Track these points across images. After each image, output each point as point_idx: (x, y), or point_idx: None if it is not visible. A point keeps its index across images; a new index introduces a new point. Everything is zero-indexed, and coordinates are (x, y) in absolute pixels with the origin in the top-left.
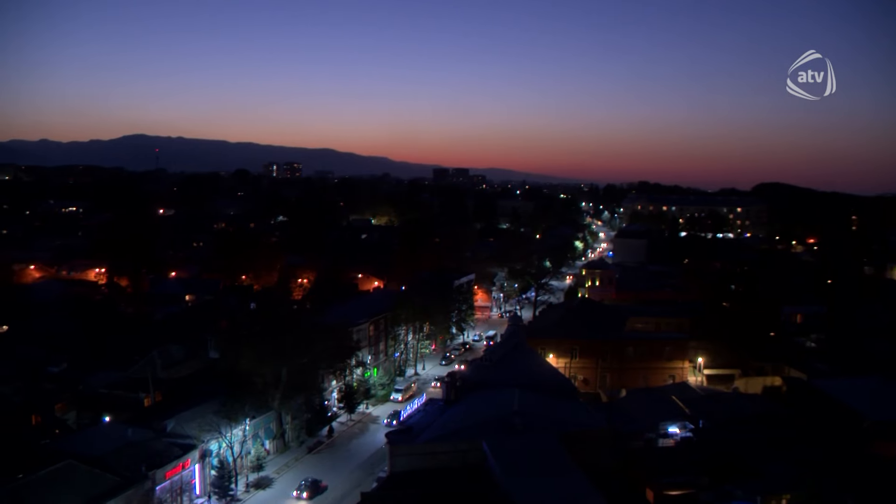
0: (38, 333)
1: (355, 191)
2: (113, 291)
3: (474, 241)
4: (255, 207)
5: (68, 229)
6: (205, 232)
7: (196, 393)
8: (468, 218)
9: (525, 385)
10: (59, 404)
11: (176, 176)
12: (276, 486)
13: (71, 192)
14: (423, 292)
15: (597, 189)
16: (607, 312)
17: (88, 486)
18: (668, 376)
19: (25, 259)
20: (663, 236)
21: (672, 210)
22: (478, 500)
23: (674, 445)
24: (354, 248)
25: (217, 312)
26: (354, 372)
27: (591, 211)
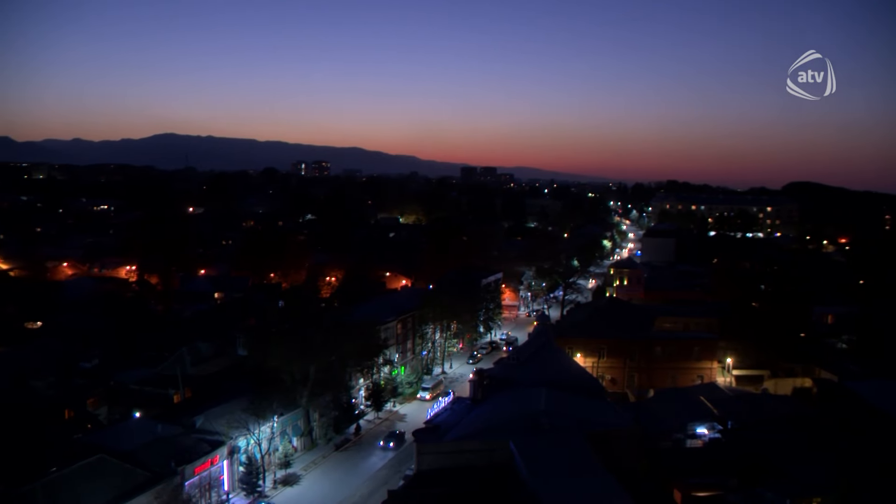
0: (71, 329)
1: (383, 189)
2: (143, 289)
3: (502, 240)
4: (284, 206)
5: (100, 227)
6: (234, 230)
7: (224, 390)
8: (496, 217)
9: (552, 384)
10: (91, 399)
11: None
12: (304, 483)
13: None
14: (451, 291)
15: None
16: (635, 312)
17: (119, 480)
18: (697, 376)
19: (58, 256)
20: (692, 235)
21: (701, 209)
22: (504, 500)
23: (702, 446)
24: (382, 246)
25: (245, 310)
26: (382, 370)
27: (620, 210)
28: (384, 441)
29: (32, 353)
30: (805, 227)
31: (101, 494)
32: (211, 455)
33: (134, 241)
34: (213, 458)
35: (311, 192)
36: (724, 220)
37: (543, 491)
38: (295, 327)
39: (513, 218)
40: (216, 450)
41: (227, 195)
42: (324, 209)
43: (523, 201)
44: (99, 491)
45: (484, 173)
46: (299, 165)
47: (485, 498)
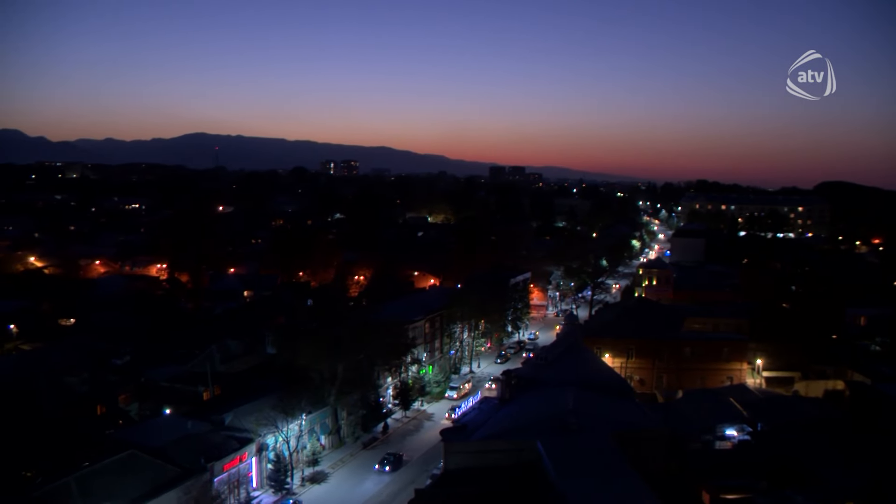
0: (103, 326)
1: (412, 188)
2: (173, 287)
3: (530, 240)
4: (313, 205)
5: (131, 226)
6: (263, 229)
7: (253, 387)
8: (524, 216)
9: (580, 384)
10: (123, 395)
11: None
12: (332, 480)
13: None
14: (479, 290)
15: (654, 187)
16: (664, 312)
17: (150, 475)
18: (726, 378)
19: (91, 254)
20: (722, 236)
21: (731, 209)
22: (531, 500)
23: (731, 448)
24: (410, 245)
25: (274, 308)
26: (410, 369)
27: (649, 210)
28: (379, 464)
29: (66, 350)
30: (837, 228)
31: (133, 489)
32: (240, 452)
33: (164, 239)
34: (242, 454)
35: (339, 191)
36: (755, 220)
37: (571, 491)
38: (323, 326)
39: (541, 217)
40: (245, 447)
41: (257, 194)
42: (352, 208)
43: (552, 201)
44: (130, 485)
45: (512, 173)
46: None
47: (512, 498)
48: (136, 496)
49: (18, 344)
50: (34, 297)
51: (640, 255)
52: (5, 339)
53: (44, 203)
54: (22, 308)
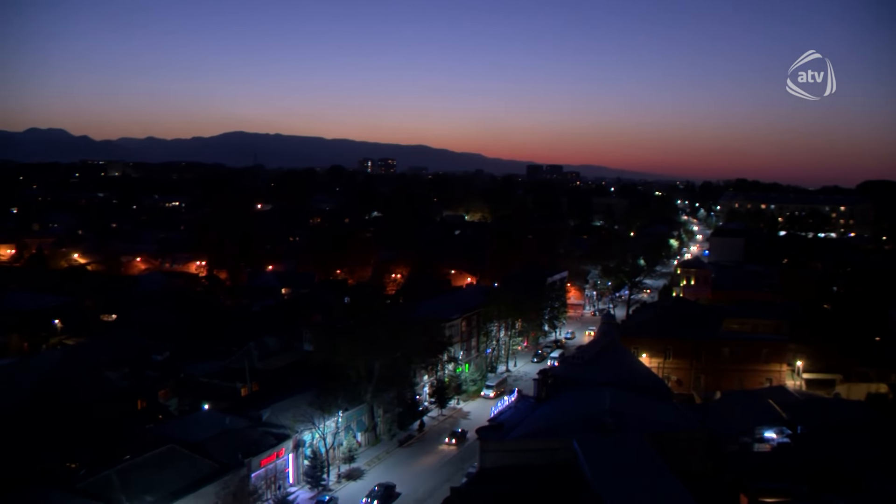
0: (143, 323)
1: (449, 187)
2: (212, 284)
3: (568, 239)
4: (350, 203)
5: (171, 223)
6: (301, 227)
7: (291, 384)
8: (561, 215)
9: (617, 384)
10: (162, 391)
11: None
12: (367, 477)
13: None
14: (516, 289)
15: (693, 186)
16: (702, 312)
17: (189, 469)
18: (765, 379)
19: (132, 251)
20: (761, 235)
21: (771, 208)
22: (567, 500)
23: (770, 451)
24: (447, 243)
25: (312, 306)
26: (446, 367)
27: (687, 209)
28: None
29: (108, 345)
30: (881, 227)
31: (172, 483)
32: (277, 448)
33: (204, 237)
34: (279, 450)
35: (377, 189)
36: (795, 219)
37: (607, 491)
38: (360, 323)
39: (578, 216)
40: (282, 443)
41: (295, 192)
42: (389, 206)
43: (589, 199)
44: (169, 479)
45: (550, 171)
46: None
47: (547, 497)
48: (174, 490)
49: (63, 339)
50: (77, 293)
51: (679, 254)
52: (50, 333)
53: (87, 201)
54: (66, 304)
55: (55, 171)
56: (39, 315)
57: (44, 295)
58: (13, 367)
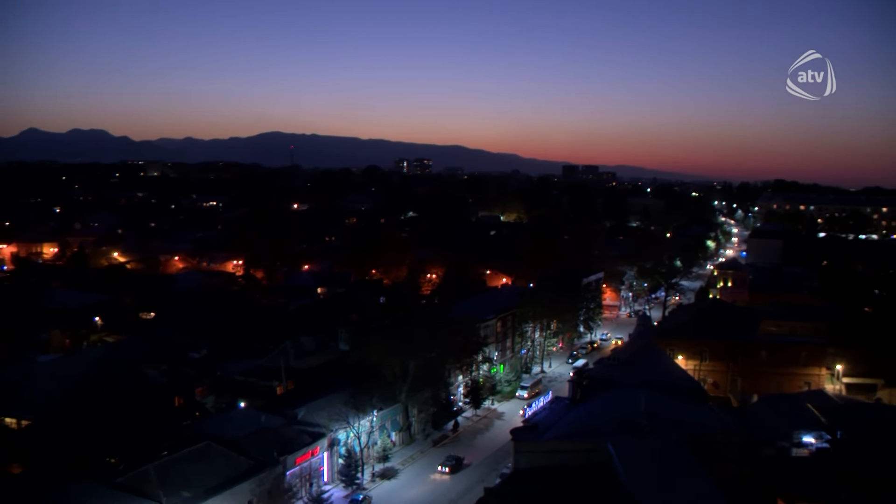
0: (181, 321)
1: (484, 187)
2: (249, 283)
3: (603, 239)
4: (386, 203)
5: (209, 223)
6: (336, 227)
7: (326, 383)
8: (597, 215)
9: (653, 386)
10: (199, 388)
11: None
12: (401, 477)
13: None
14: (551, 289)
15: (730, 187)
16: (739, 314)
17: (224, 466)
18: (804, 383)
19: (170, 250)
20: (800, 237)
21: (810, 209)
22: (601, 502)
23: (808, 456)
24: (483, 244)
25: (347, 305)
26: (481, 367)
27: (724, 210)
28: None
29: (147, 343)
30: None
31: (208, 479)
32: (312, 446)
33: (241, 236)
34: (314, 449)
35: (412, 189)
36: (835, 220)
37: (641, 493)
38: (395, 323)
39: (614, 217)
40: (317, 441)
41: (331, 192)
42: (425, 207)
43: (625, 200)
44: (205, 476)
45: (586, 171)
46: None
47: (581, 499)
48: (210, 486)
49: (103, 336)
50: (117, 291)
51: (715, 255)
52: (91, 330)
53: (127, 200)
54: (106, 301)
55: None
56: (81, 312)
57: (85, 293)
58: (56, 364)
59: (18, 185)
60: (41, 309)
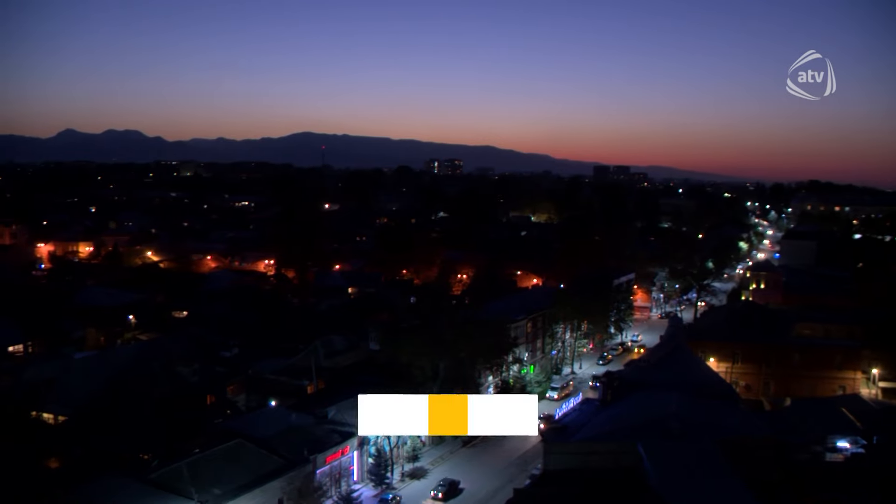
0: (213, 319)
1: (515, 188)
2: (280, 282)
3: (635, 240)
4: (417, 203)
5: (241, 222)
6: (367, 226)
7: (356, 382)
8: (629, 216)
9: (684, 388)
10: (231, 387)
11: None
12: (431, 477)
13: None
14: (582, 290)
15: (763, 188)
16: (772, 316)
17: (255, 464)
18: (838, 387)
19: (203, 250)
20: (835, 238)
21: (845, 210)
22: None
23: (843, 461)
24: (513, 244)
25: (378, 305)
26: (511, 368)
27: (757, 211)
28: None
29: (179, 341)
30: None
31: (239, 477)
32: (342, 445)
33: (272, 236)
34: (344, 448)
35: (443, 189)
36: (871, 222)
37: (672, 496)
38: (426, 323)
39: (646, 218)
40: (347, 441)
41: (362, 192)
42: (456, 207)
43: (657, 201)
44: (236, 473)
45: (617, 172)
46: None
47: (611, 501)
48: (241, 484)
49: (136, 334)
50: (150, 290)
51: (748, 257)
52: (125, 328)
53: (160, 200)
54: (139, 300)
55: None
56: (115, 311)
57: (119, 291)
58: (91, 361)
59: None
60: (77, 307)
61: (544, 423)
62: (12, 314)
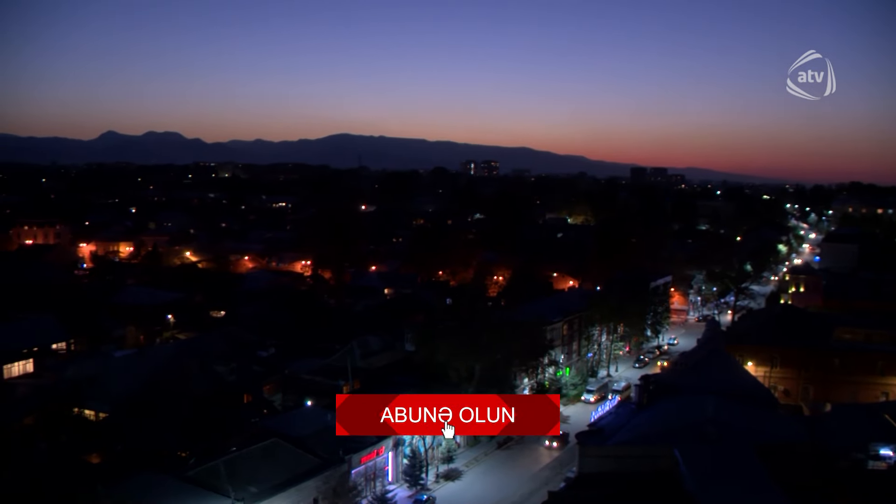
0: (250, 319)
1: (551, 189)
2: (317, 283)
3: (672, 242)
4: (453, 204)
5: (278, 223)
6: (404, 228)
7: (392, 383)
8: (666, 218)
9: (721, 392)
10: (267, 386)
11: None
12: (465, 478)
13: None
14: (619, 292)
15: (803, 190)
16: (812, 320)
17: (291, 463)
18: (881, 393)
19: (240, 250)
20: (878, 241)
21: (889, 213)
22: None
23: (886, 469)
24: (550, 246)
25: (414, 306)
26: (547, 370)
27: (797, 213)
28: None
29: (217, 340)
30: None
31: (275, 475)
32: (377, 446)
33: (309, 237)
34: (379, 448)
35: (479, 191)
36: None
37: (708, 501)
38: (462, 325)
39: (683, 220)
40: (382, 441)
41: (398, 194)
42: (492, 208)
43: (694, 203)
44: (272, 472)
45: (654, 174)
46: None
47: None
48: (277, 482)
49: (175, 333)
50: (189, 290)
51: (787, 260)
52: (164, 327)
53: (199, 201)
54: (178, 299)
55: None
56: (154, 310)
57: (158, 291)
58: (131, 359)
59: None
60: (117, 306)
61: None
62: (56, 312)
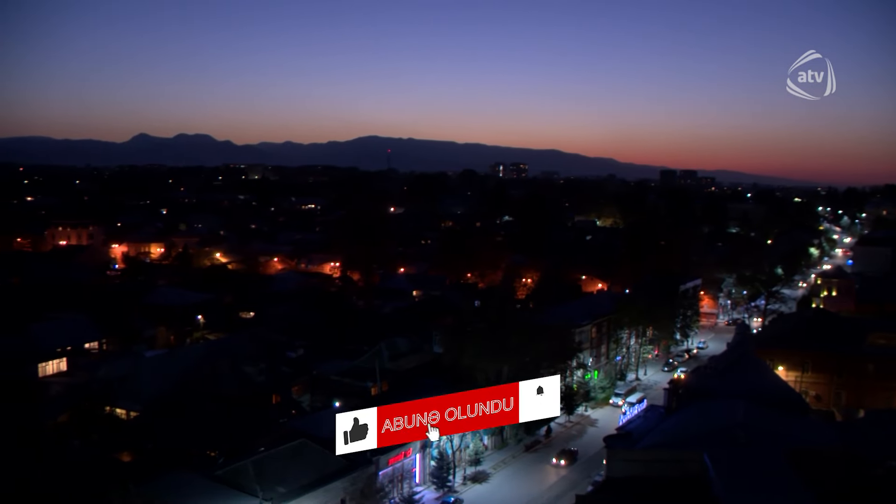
0: (279, 320)
1: (580, 191)
2: (345, 284)
3: (702, 245)
4: (481, 206)
5: (307, 225)
6: (432, 230)
7: (420, 385)
8: (696, 221)
9: (751, 396)
10: (296, 387)
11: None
12: (493, 481)
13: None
14: (648, 296)
15: (836, 192)
16: (845, 325)
17: (319, 464)
18: None
19: (270, 252)
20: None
21: None
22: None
23: None
24: (578, 248)
25: (442, 308)
26: (575, 373)
27: (829, 216)
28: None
29: (246, 341)
30: None
31: (303, 476)
32: (404, 447)
33: (338, 238)
34: (407, 450)
35: (508, 193)
36: None
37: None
38: (490, 327)
39: (713, 222)
40: (409, 443)
41: (427, 195)
42: (521, 211)
43: (724, 205)
44: (300, 473)
45: (684, 176)
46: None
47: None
48: (305, 483)
49: (205, 333)
50: (218, 291)
51: (819, 263)
52: (194, 328)
53: (229, 202)
54: (208, 300)
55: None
56: (184, 310)
57: (188, 291)
58: (162, 359)
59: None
60: (148, 306)
61: None
62: (88, 312)
